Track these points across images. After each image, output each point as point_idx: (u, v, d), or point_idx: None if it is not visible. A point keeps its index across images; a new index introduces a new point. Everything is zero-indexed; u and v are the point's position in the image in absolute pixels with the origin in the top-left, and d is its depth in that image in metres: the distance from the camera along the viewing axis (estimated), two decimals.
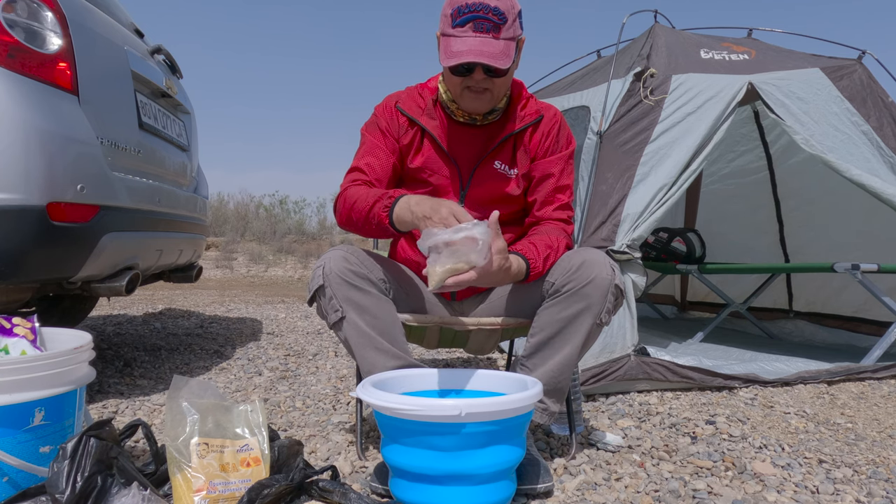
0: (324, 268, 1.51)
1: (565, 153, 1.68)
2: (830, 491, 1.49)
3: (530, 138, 1.65)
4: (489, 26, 1.45)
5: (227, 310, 4.87)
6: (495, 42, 1.45)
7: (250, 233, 10.88)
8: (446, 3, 1.50)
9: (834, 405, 2.36)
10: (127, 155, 2.17)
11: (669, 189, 2.62)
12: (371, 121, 1.69)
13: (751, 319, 4.05)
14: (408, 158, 1.65)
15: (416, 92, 1.68)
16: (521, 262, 1.47)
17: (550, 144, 1.66)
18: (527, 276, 1.50)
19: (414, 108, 1.65)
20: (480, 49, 1.44)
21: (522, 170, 1.65)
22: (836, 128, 2.97)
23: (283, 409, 2.12)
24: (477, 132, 1.64)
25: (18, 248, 1.74)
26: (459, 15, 1.45)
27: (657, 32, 3.15)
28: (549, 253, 1.54)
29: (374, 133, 1.66)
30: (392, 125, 1.65)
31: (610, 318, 1.54)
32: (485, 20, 1.44)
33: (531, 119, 1.64)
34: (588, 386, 2.31)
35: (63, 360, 1.23)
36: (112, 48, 2.18)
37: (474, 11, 1.44)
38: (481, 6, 1.44)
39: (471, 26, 1.45)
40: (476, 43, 1.44)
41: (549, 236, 1.58)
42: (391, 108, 1.67)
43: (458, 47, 1.45)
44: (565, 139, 1.69)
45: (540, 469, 1.42)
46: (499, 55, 1.45)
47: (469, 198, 1.64)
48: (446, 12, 1.49)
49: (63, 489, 1.05)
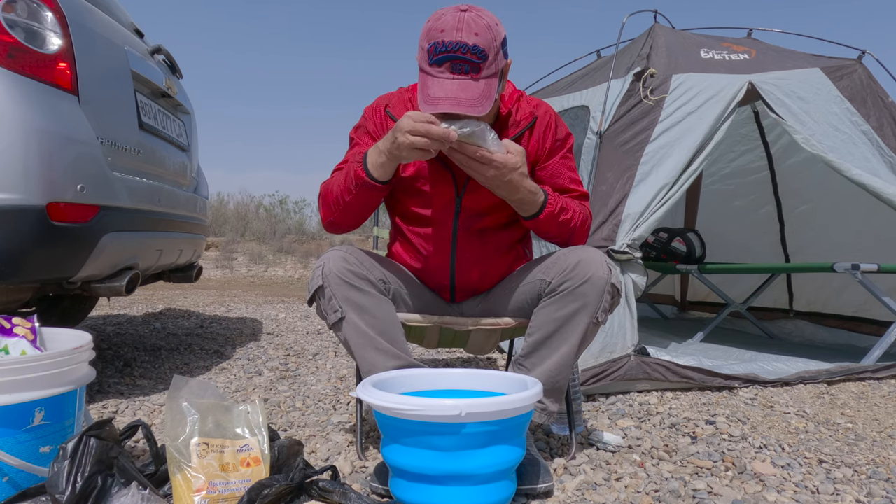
0: (323, 268, 1.51)
1: (566, 149, 1.65)
2: (830, 491, 1.49)
3: (528, 141, 1.60)
4: (468, 67, 1.35)
5: (227, 310, 4.87)
6: (474, 85, 1.35)
7: (250, 233, 10.88)
8: (423, 34, 1.38)
9: (834, 405, 2.36)
10: (127, 155, 2.17)
11: (670, 189, 2.62)
12: (360, 124, 1.64)
13: (751, 319, 4.05)
14: (399, 167, 1.58)
15: (407, 97, 1.62)
16: (539, 189, 1.47)
17: (551, 145, 1.62)
18: (542, 209, 1.50)
19: (404, 113, 1.57)
20: (458, 95, 1.34)
21: None
22: (837, 127, 2.97)
23: (283, 409, 2.12)
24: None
25: (18, 248, 1.74)
26: (436, 53, 1.35)
27: (657, 32, 3.15)
28: (566, 206, 1.54)
29: (362, 137, 1.62)
30: (381, 130, 1.60)
31: (606, 317, 1.54)
32: (462, 61, 1.34)
33: (526, 123, 1.59)
34: (588, 386, 2.31)
35: (63, 360, 1.23)
36: (112, 48, 2.18)
37: (451, 52, 1.33)
38: (458, 45, 1.33)
39: (448, 66, 1.35)
40: (453, 88, 1.35)
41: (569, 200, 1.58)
42: (381, 111, 1.62)
43: (436, 92, 1.36)
44: (563, 135, 1.65)
45: (540, 469, 1.42)
46: (477, 100, 1.35)
47: (465, 205, 1.60)
48: (423, 45, 1.38)
49: (63, 489, 1.05)
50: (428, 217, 1.61)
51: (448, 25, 1.34)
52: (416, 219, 1.63)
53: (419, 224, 1.63)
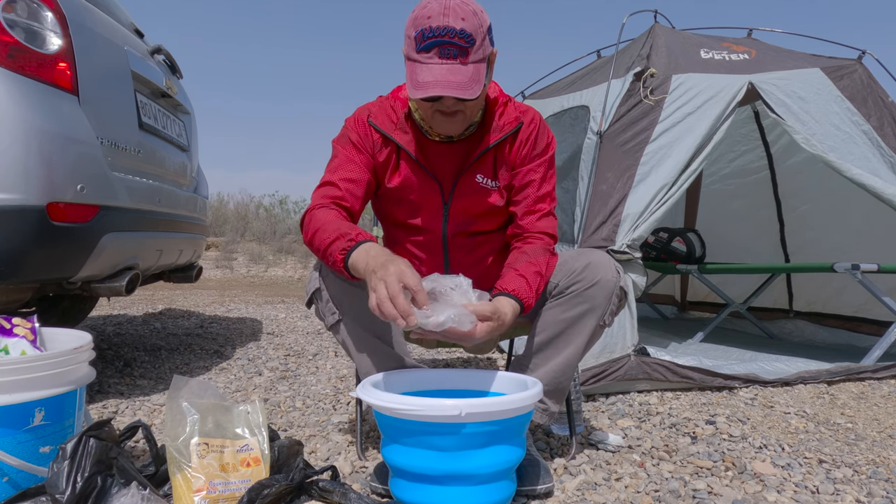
0: (321, 270, 1.50)
1: (545, 158, 1.59)
2: (830, 491, 1.49)
3: (510, 148, 1.57)
4: (456, 52, 1.34)
5: (227, 310, 4.87)
6: (463, 69, 1.34)
7: (250, 233, 10.88)
8: (409, 24, 1.38)
9: (834, 405, 2.36)
10: (127, 155, 2.17)
11: (669, 189, 2.62)
12: (343, 133, 1.59)
13: (751, 319, 4.05)
14: (385, 178, 1.56)
15: (388, 105, 1.58)
16: (516, 306, 1.41)
17: (528, 151, 1.57)
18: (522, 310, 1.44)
19: (387, 123, 1.54)
20: (447, 79, 1.33)
21: (504, 181, 1.58)
22: (837, 127, 2.97)
23: (283, 409, 2.12)
24: (455, 147, 1.56)
25: (18, 248, 1.74)
26: (423, 39, 1.34)
27: (657, 32, 3.15)
28: (540, 282, 1.49)
29: (346, 146, 1.56)
30: (365, 141, 1.55)
31: (612, 319, 1.54)
32: (450, 45, 1.33)
33: (510, 128, 1.55)
34: (588, 386, 2.31)
35: (63, 361, 1.23)
36: (112, 48, 2.18)
37: (438, 36, 1.33)
38: (446, 30, 1.32)
39: (436, 52, 1.34)
40: (442, 72, 1.34)
41: (537, 260, 1.50)
42: (363, 122, 1.57)
43: (425, 77, 1.34)
44: (544, 143, 1.59)
45: (540, 469, 1.42)
46: (467, 84, 1.34)
47: (452, 213, 1.58)
48: (409, 34, 1.37)
49: (63, 489, 1.05)
50: (417, 225, 1.60)
51: (434, 12, 1.34)
52: (406, 226, 1.61)
53: (409, 231, 1.62)
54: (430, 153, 1.55)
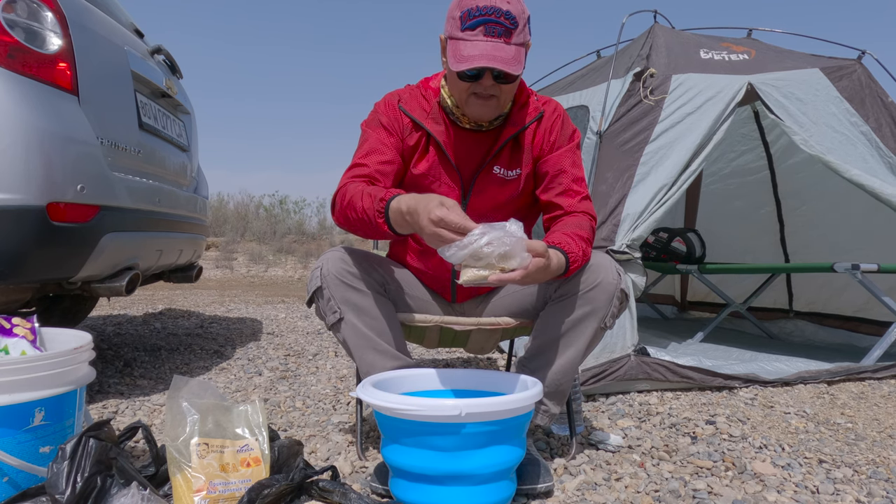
0: (321, 269, 1.50)
1: (572, 145, 1.63)
2: (830, 491, 1.49)
3: (533, 137, 1.60)
4: (501, 31, 1.39)
5: (227, 310, 4.87)
6: (507, 47, 1.39)
7: (250, 233, 10.88)
8: (453, 6, 1.44)
9: (834, 405, 2.36)
10: (127, 155, 2.17)
11: (669, 189, 2.62)
12: (372, 117, 1.61)
13: (751, 319, 4.05)
14: (411, 163, 1.59)
15: (419, 93, 1.62)
16: (561, 258, 1.41)
17: (556, 139, 1.61)
18: (566, 271, 1.43)
19: (418, 110, 1.59)
20: (493, 54, 1.38)
21: (526, 169, 1.61)
22: (835, 129, 2.97)
23: (283, 409, 2.12)
24: (480, 138, 1.59)
25: (18, 248, 1.74)
26: (470, 18, 1.39)
27: (657, 32, 3.15)
28: (585, 248, 1.49)
29: (377, 129, 1.58)
30: (395, 124, 1.58)
31: (614, 321, 1.54)
32: (496, 24, 1.38)
33: (531, 118, 1.60)
34: (588, 386, 2.31)
35: (63, 361, 1.23)
36: (112, 48, 2.18)
37: (486, 15, 1.38)
38: (493, 10, 1.38)
39: (482, 30, 1.39)
40: (488, 47, 1.39)
41: (583, 230, 1.51)
42: (394, 105, 1.60)
43: (469, 51, 1.39)
44: (570, 130, 1.64)
45: (540, 469, 1.42)
46: (511, 60, 1.39)
47: (470, 207, 1.60)
48: (454, 14, 1.42)
49: (63, 489, 1.05)
50: None
51: None
52: None
53: None
54: (458, 145, 1.59)
